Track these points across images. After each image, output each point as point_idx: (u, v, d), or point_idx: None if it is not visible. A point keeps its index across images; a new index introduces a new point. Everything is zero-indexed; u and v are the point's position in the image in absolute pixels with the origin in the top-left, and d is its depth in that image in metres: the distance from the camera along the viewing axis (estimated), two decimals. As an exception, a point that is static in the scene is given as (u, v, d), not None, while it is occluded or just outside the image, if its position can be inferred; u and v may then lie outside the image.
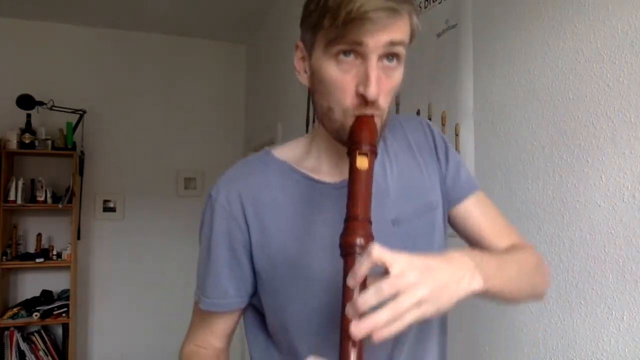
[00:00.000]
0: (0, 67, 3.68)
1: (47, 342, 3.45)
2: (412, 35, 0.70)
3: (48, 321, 3.42)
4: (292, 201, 0.78)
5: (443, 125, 1.67)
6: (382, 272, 0.56)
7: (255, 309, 0.85)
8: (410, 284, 0.55)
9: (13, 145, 3.44)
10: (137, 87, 4.01)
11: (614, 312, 1.11)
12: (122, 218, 3.92)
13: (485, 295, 0.65)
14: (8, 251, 3.47)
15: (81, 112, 3.65)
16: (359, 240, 0.60)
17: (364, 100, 0.67)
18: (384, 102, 0.69)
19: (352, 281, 0.57)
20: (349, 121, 0.69)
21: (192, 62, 4.17)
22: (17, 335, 3.37)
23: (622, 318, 1.09)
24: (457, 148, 1.60)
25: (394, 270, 0.55)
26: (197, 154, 4.11)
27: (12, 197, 3.42)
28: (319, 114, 0.74)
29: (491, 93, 1.49)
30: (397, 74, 0.70)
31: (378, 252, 0.55)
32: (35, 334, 3.45)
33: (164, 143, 4.04)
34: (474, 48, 1.56)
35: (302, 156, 0.82)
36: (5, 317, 3.35)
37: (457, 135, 1.60)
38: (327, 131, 0.74)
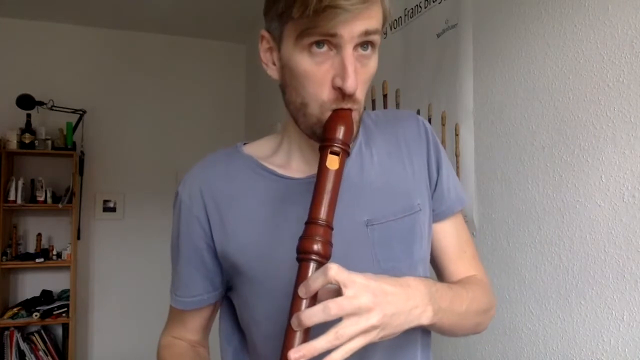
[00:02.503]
0: (0, 67, 3.68)
1: (47, 342, 3.45)
2: (385, 21, 0.66)
3: (48, 321, 3.42)
4: (255, 196, 0.74)
5: (443, 125, 1.67)
6: (336, 288, 0.55)
7: (228, 301, 0.83)
8: (360, 309, 0.53)
9: (13, 145, 3.44)
10: (138, 87, 4.01)
11: (614, 312, 1.11)
12: (122, 218, 3.92)
13: (432, 330, 0.66)
14: (8, 251, 3.47)
15: (81, 112, 3.65)
16: (316, 247, 0.57)
17: (341, 93, 0.63)
18: (361, 94, 0.66)
19: (303, 293, 0.55)
20: (326, 115, 0.64)
21: (192, 62, 4.17)
22: (17, 335, 3.37)
23: (622, 318, 1.09)
24: (457, 148, 1.60)
25: (347, 292, 0.53)
26: (197, 154, 4.06)
27: (12, 197, 3.42)
28: (292, 110, 0.69)
29: (491, 93, 1.49)
30: (373, 63, 0.66)
31: (335, 271, 0.53)
32: (35, 334, 3.44)
33: (164, 143, 4.04)
34: (474, 48, 1.56)
35: (271, 152, 0.78)
36: (5, 317, 3.35)
37: (457, 135, 1.60)
38: (301, 128, 0.69)
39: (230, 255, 0.74)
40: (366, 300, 0.54)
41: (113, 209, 3.91)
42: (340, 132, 0.62)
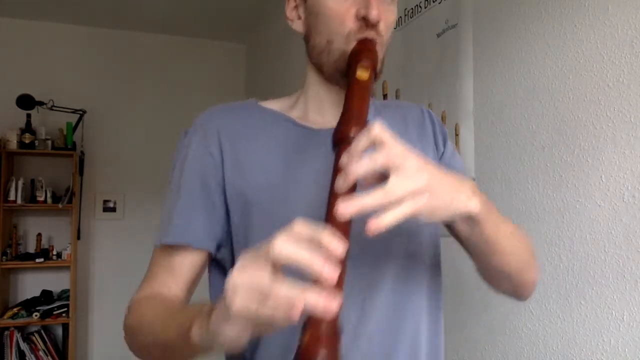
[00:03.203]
0: (0, 67, 3.68)
1: (47, 342, 3.45)
2: None
3: (48, 321, 3.42)
4: (273, 139, 0.73)
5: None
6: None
7: (220, 270, 0.76)
8: (409, 167, 0.50)
9: (13, 145, 3.44)
10: (137, 87, 4.01)
11: (614, 312, 1.11)
12: (122, 218, 3.92)
13: (476, 228, 0.60)
14: (8, 251, 3.47)
15: (81, 112, 3.65)
16: (354, 129, 0.55)
17: (365, 23, 0.66)
18: (385, 29, 0.68)
19: (346, 158, 0.51)
20: (351, 46, 0.67)
21: (192, 62, 4.17)
22: (17, 335, 3.37)
23: (622, 318, 1.09)
24: (457, 148, 1.60)
25: (394, 149, 0.50)
26: (197, 154, 4.11)
27: (12, 197, 3.42)
28: (316, 54, 0.72)
29: (491, 93, 1.49)
30: (393, 12, 0.70)
31: (380, 128, 0.50)
32: (35, 334, 3.44)
33: (164, 143, 4.03)
34: (474, 48, 1.56)
35: (288, 107, 0.79)
36: (5, 317, 3.35)
37: (457, 135, 1.60)
38: (325, 70, 0.71)
39: (243, 194, 0.70)
40: (413, 162, 0.51)
41: (113, 209, 3.91)
42: (367, 54, 0.65)
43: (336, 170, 0.53)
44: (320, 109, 0.76)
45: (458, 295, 1.53)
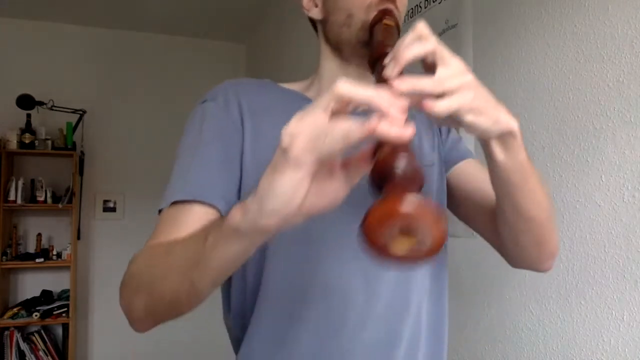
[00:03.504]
0: (0, 67, 3.68)
1: (47, 342, 3.45)
2: None
3: (48, 321, 3.42)
4: (290, 113, 0.70)
5: (443, 125, 1.67)
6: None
7: None
8: (454, 63, 0.51)
9: (13, 145, 3.44)
10: (137, 87, 4.01)
11: (614, 312, 1.11)
12: (122, 218, 3.92)
13: (515, 152, 0.59)
14: (8, 251, 3.47)
15: (81, 112, 3.65)
16: (391, 49, 0.55)
17: None
18: (401, 7, 0.72)
19: (390, 58, 0.51)
20: (371, 16, 0.69)
21: (192, 62, 4.17)
22: (17, 335, 3.37)
23: (622, 318, 1.09)
24: (457, 148, 1.60)
25: (448, 58, 0.51)
26: (197, 154, 4.11)
27: (12, 197, 3.42)
28: (336, 30, 0.74)
29: (491, 93, 1.49)
30: None
31: (424, 26, 0.52)
32: (35, 334, 3.44)
33: (164, 143, 4.04)
34: (474, 48, 1.56)
35: (304, 88, 0.81)
36: (5, 317, 3.35)
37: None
38: (345, 45, 0.74)
39: (255, 168, 0.68)
40: (459, 62, 0.52)
41: (113, 209, 3.91)
42: (390, 14, 0.69)
43: (380, 83, 0.51)
44: None
45: (458, 295, 1.53)
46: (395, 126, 0.40)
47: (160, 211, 0.68)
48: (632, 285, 1.07)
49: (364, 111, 0.42)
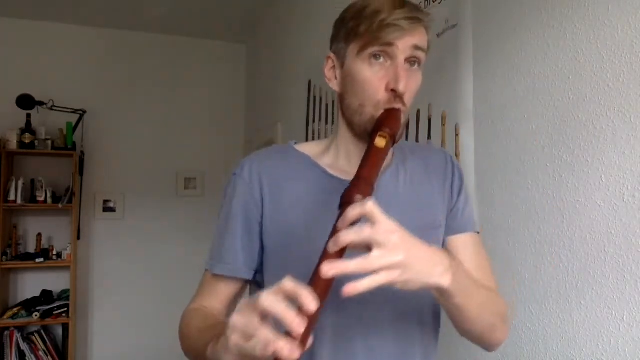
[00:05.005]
0: (0, 67, 3.68)
1: (47, 342, 3.45)
2: (428, 47, 0.82)
3: (48, 321, 3.42)
4: (307, 185, 0.86)
5: (443, 125, 1.67)
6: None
7: (258, 288, 0.91)
8: (390, 243, 0.60)
9: (13, 145, 3.44)
10: (137, 87, 4.01)
11: (614, 312, 1.11)
12: (122, 218, 3.92)
13: (446, 299, 0.70)
14: (8, 251, 3.47)
15: (81, 112, 3.65)
16: (358, 197, 0.66)
17: (393, 94, 0.78)
18: (409, 99, 0.80)
19: (341, 224, 0.63)
20: (379, 113, 0.79)
21: (192, 62, 4.17)
22: (17, 335, 3.37)
23: (622, 318, 1.09)
24: (457, 148, 1.60)
25: (380, 226, 0.60)
26: (197, 154, 4.11)
27: (12, 197, 3.42)
28: (349, 113, 0.84)
29: (491, 93, 1.49)
30: (419, 77, 0.82)
31: (372, 205, 0.61)
32: (35, 334, 3.44)
33: (164, 143, 4.04)
34: (474, 48, 1.56)
35: (321, 152, 0.91)
36: (5, 317, 3.35)
37: (457, 135, 1.60)
38: (354, 129, 0.83)
39: (274, 236, 0.85)
40: (396, 239, 0.61)
41: (113, 209, 3.91)
42: (389, 122, 0.76)
43: (335, 229, 0.64)
44: (349, 159, 0.87)
45: (458, 295, 1.53)
46: (288, 349, 0.55)
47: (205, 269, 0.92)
48: (632, 285, 1.07)
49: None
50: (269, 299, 0.56)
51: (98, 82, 3.89)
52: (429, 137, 1.74)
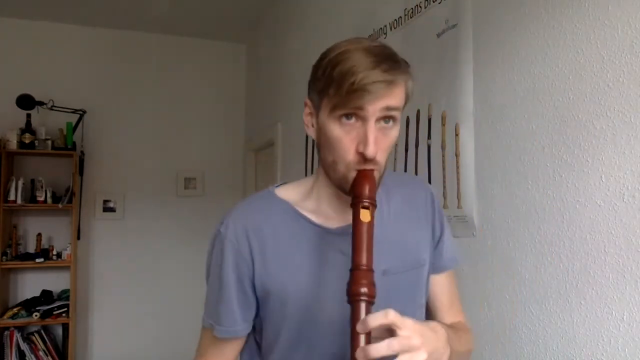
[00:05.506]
0: (0, 67, 3.68)
1: (47, 342, 3.45)
2: (407, 98, 0.81)
3: (48, 321, 3.42)
4: (295, 240, 0.86)
5: (443, 125, 1.67)
6: (388, 328, 0.66)
7: (250, 334, 0.93)
8: (414, 347, 0.65)
9: (13, 145, 3.44)
10: (137, 87, 4.01)
11: (614, 312, 1.11)
12: (122, 218, 3.92)
13: None
14: (8, 251, 3.47)
15: (81, 112, 3.65)
16: (363, 289, 0.69)
17: (363, 157, 0.76)
18: (382, 158, 0.78)
19: (362, 328, 0.65)
20: (351, 174, 0.78)
21: (192, 62, 4.17)
22: (17, 335, 3.37)
23: (622, 318, 1.09)
24: (457, 148, 1.60)
25: (403, 332, 0.65)
26: (197, 154, 4.11)
27: (12, 197, 3.42)
28: (325, 164, 0.83)
29: (491, 93, 1.49)
30: (394, 133, 0.80)
31: (393, 315, 0.65)
32: (35, 334, 3.44)
33: (164, 143, 4.04)
34: (474, 48, 1.56)
35: (303, 197, 0.90)
36: (5, 317, 3.35)
37: (457, 135, 1.60)
38: (331, 180, 0.83)
39: (266, 289, 0.85)
40: (417, 341, 0.65)
41: (113, 209, 3.91)
42: (367, 190, 0.75)
43: (353, 327, 0.67)
44: (330, 203, 0.88)
45: (458, 295, 1.53)
46: None
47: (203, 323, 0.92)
48: (632, 285, 1.07)
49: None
50: None
51: (98, 82, 3.89)
52: (429, 137, 1.74)
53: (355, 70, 0.73)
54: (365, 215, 0.74)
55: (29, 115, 3.50)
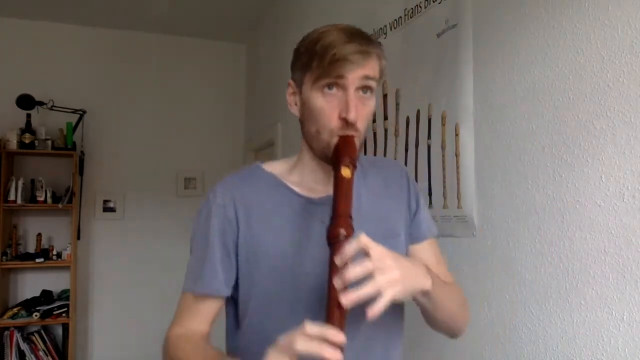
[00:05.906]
0: (0, 67, 3.68)
1: (47, 342, 3.45)
2: (381, 74, 0.88)
3: (48, 321, 3.42)
4: (278, 208, 0.92)
5: (443, 125, 1.67)
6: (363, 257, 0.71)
7: (232, 301, 0.96)
8: (387, 266, 0.71)
9: (13, 145, 3.44)
10: (137, 87, 4.01)
11: (614, 312, 1.11)
12: (122, 218, 3.92)
13: (428, 298, 0.82)
14: (8, 251, 3.47)
15: (81, 112, 3.65)
16: (342, 231, 0.74)
17: (345, 123, 0.83)
18: (362, 125, 0.86)
19: (340, 259, 0.71)
20: (334, 140, 0.85)
21: (192, 62, 4.17)
22: (17, 335, 3.37)
23: (622, 318, 1.09)
24: (457, 148, 1.60)
25: (374, 254, 0.71)
26: (197, 154, 4.11)
27: (12, 197, 3.42)
28: (308, 137, 0.90)
29: (491, 93, 1.49)
30: (371, 103, 0.88)
31: (364, 238, 0.71)
32: (35, 334, 3.44)
33: (164, 143, 4.04)
34: (474, 48, 1.56)
35: (288, 171, 0.97)
36: (5, 317, 3.35)
37: (457, 135, 1.60)
38: (314, 151, 0.90)
39: (249, 255, 0.90)
40: (390, 262, 0.72)
41: (113, 209, 3.91)
42: (348, 151, 0.82)
43: (332, 264, 0.72)
44: (314, 176, 0.94)
45: (458, 295, 1.53)
46: None
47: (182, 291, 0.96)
48: (632, 285, 1.07)
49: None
50: (301, 343, 0.66)
51: (98, 82, 3.89)
52: (429, 137, 1.74)
53: (335, 44, 0.82)
54: (346, 172, 0.80)
55: (29, 115, 3.50)
